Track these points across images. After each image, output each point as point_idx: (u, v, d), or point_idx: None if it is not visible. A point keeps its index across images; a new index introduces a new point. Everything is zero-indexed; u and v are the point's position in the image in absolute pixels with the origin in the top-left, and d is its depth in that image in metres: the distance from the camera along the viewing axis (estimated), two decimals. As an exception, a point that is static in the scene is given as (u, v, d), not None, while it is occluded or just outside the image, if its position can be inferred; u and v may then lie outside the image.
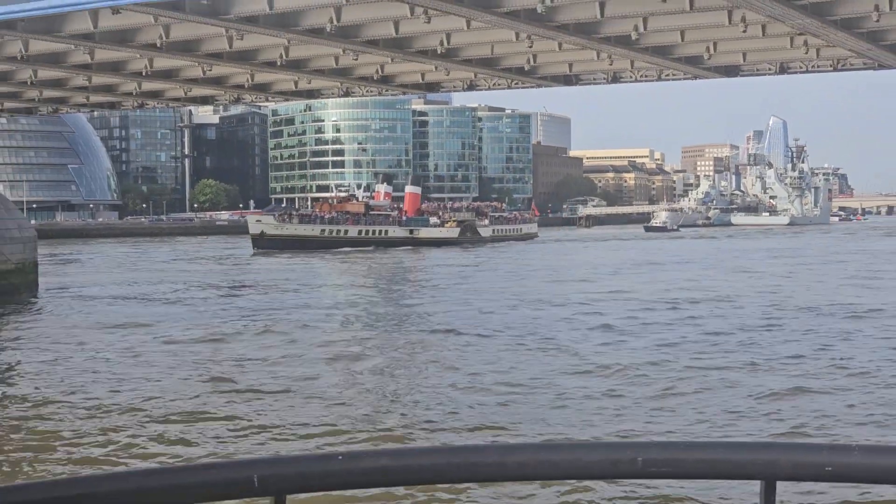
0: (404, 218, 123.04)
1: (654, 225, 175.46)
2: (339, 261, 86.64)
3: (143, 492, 2.39)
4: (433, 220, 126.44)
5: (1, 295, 45.41)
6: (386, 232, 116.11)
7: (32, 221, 59.96)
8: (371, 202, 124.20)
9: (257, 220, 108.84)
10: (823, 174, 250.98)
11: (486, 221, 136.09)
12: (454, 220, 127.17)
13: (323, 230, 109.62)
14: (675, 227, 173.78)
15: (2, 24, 22.63)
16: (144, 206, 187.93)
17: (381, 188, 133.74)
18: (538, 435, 19.14)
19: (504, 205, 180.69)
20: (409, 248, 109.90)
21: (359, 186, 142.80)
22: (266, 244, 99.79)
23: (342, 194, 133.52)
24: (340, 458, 2.51)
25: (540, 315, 40.63)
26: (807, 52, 24.30)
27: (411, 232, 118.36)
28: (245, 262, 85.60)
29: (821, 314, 39.90)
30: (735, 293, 49.58)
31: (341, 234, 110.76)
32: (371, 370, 28.16)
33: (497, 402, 22.73)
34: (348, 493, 12.13)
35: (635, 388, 23.86)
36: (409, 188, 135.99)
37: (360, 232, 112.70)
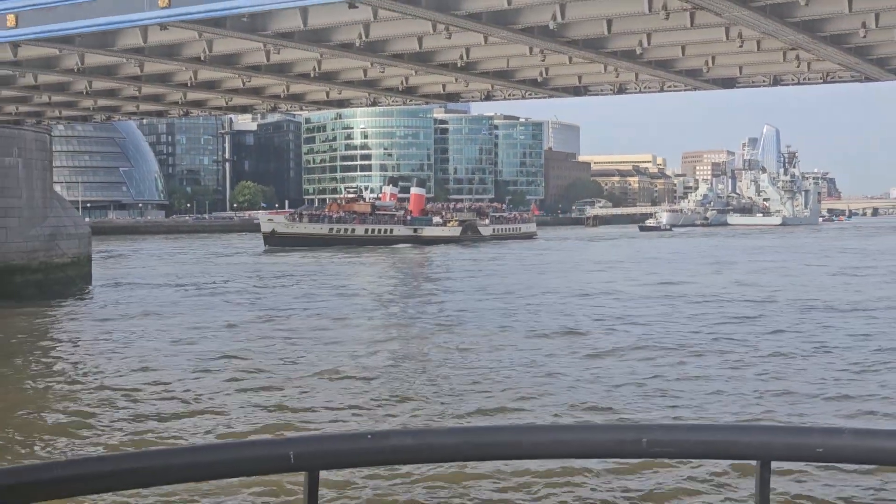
0: (409, 217, 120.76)
1: (648, 224, 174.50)
2: (352, 257, 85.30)
3: (193, 466, 2.43)
4: (436, 219, 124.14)
5: (59, 285, 45.73)
6: (391, 230, 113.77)
7: (87, 219, 60.24)
8: (377, 202, 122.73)
9: (269, 219, 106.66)
10: (813, 178, 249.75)
11: (487, 221, 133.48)
12: (456, 220, 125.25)
13: (331, 229, 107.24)
14: (668, 227, 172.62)
15: (60, 39, 22.77)
16: (189, 205, 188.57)
17: (388, 189, 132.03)
18: (550, 415, 19.16)
19: (504, 205, 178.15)
20: (413, 245, 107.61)
21: (365, 188, 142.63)
22: (277, 242, 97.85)
23: (350, 195, 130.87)
24: (369, 437, 2.55)
25: (517, 304, 40.72)
26: (798, 66, 24.18)
27: (415, 230, 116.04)
28: (278, 259, 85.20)
29: (777, 303, 39.83)
30: (698, 285, 49.63)
31: (348, 232, 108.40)
32: (398, 356, 28.21)
33: (495, 382, 22.74)
34: (375, 469, 12.20)
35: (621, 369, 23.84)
36: (414, 190, 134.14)
37: (366, 230, 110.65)
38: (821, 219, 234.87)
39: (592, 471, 14.12)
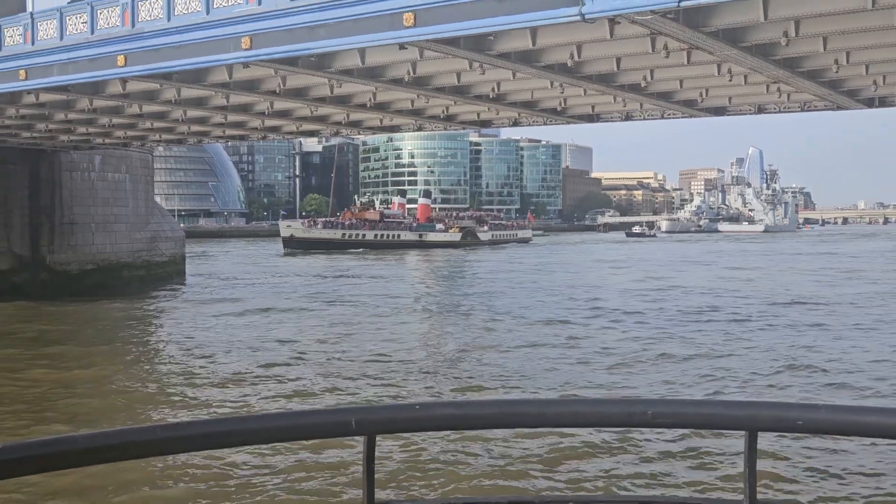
0: (415, 224, 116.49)
1: (634, 231, 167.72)
2: (369, 259, 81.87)
3: (274, 430, 2.45)
4: (439, 226, 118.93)
5: (158, 280, 46.28)
6: (398, 236, 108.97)
7: (181, 225, 60.68)
8: (385, 211, 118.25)
9: (287, 225, 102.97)
10: (791, 192, 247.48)
11: (486, 227, 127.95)
12: (457, 226, 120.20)
13: (344, 234, 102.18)
14: (652, 233, 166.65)
15: (161, 75, 23.02)
16: (265, 213, 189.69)
17: (396, 200, 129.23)
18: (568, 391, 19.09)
19: (502, 213, 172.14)
20: (418, 249, 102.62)
21: (378, 200, 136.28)
22: (295, 245, 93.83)
23: (360, 203, 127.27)
24: (418, 407, 2.55)
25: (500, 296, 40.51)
26: (780, 97, 23.93)
27: (420, 236, 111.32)
28: (337, 259, 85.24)
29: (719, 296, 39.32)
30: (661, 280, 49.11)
31: (359, 237, 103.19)
32: (439, 341, 28.23)
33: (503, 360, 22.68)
34: (423, 434, 12.23)
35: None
36: (421, 200, 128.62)
37: (375, 235, 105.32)
38: (798, 226, 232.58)
39: (606, 440, 14.06)
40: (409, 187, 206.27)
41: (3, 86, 25.53)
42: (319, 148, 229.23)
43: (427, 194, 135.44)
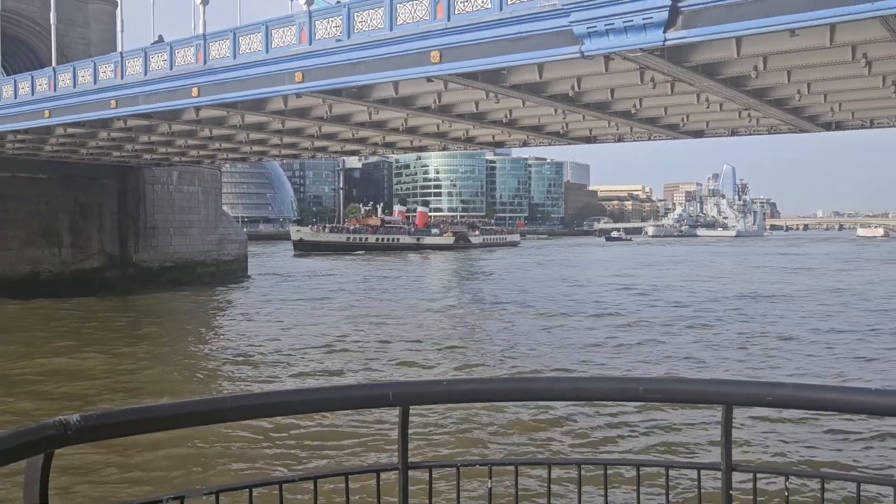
0: (412, 229, 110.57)
1: (613, 236, 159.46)
2: (374, 260, 78.46)
3: (323, 401, 2.46)
4: (434, 230, 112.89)
5: (226, 276, 46.59)
6: (397, 239, 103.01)
7: (244, 229, 61.22)
8: (386, 217, 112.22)
9: (297, 230, 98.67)
10: (760, 202, 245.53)
11: (478, 232, 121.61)
12: (451, 231, 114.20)
13: (348, 237, 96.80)
14: (628, 238, 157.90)
15: (229, 105, 23.17)
16: (314, 220, 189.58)
17: (397, 207, 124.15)
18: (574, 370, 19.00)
19: (492, 220, 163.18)
20: (415, 251, 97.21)
21: (380, 208, 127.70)
22: (304, 247, 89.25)
23: (364, 210, 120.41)
24: (445, 383, 2.56)
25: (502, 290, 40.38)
26: (750, 121, 23.72)
27: (417, 239, 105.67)
28: (378, 259, 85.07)
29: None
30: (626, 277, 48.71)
31: (362, 240, 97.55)
32: (462, 324, 28.18)
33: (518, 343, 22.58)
34: (450, 406, 12.22)
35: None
36: (419, 208, 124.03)
37: (377, 239, 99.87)
38: (765, 231, 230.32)
39: (604, 404, 13.98)
40: (435, 198, 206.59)
41: (97, 113, 25.81)
42: (360, 165, 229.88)
43: (425, 204, 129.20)
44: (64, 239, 40.25)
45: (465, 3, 16.03)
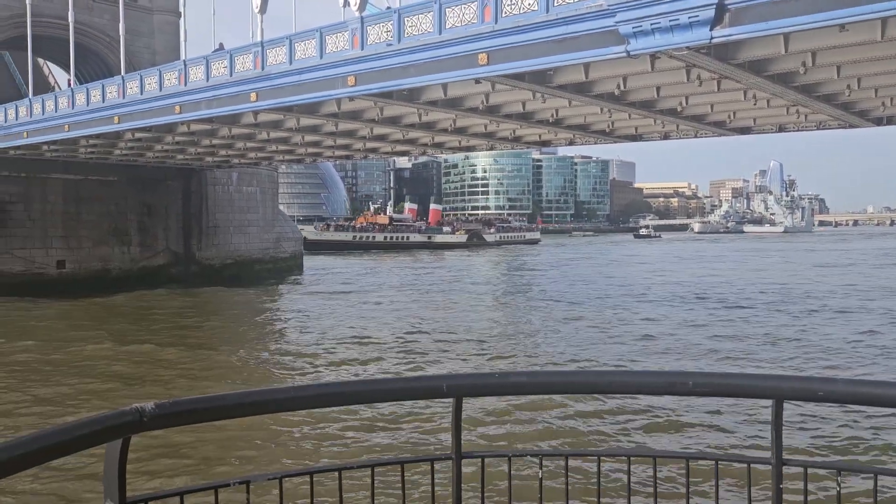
0: (424, 227, 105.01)
1: (641, 233, 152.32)
2: (385, 259, 74.98)
3: (381, 392, 2.48)
4: (446, 228, 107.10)
5: (282, 272, 47.36)
6: (407, 238, 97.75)
7: (299, 228, 61.81)
8: (394, 215, 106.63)
9: (301, 229, 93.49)
10: (808, 198, 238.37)
11: (493, 230, 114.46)
12: (464, 229, 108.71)
13: (354, 236, 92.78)
14: (657, 235, 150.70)
15: (285, 108, 23.47)
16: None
17: (407, 205, 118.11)
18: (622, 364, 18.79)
19: (512, 217, 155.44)
20: (426, 250, 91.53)
21: (387, 205, 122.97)
22: (308, 246, 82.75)
23: (374, 209, 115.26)
24: (496, 375, 2.55)
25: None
26: (798, 118, 23.04)
27: (429, 238, 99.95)
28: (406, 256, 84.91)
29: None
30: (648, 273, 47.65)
31: (369, 239, 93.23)
32: (509, 321, 28.11)
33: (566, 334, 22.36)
34: (499, 398, 12.20)
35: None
36: (432, 206, 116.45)
37: (385, 238, 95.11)
38: (813, 227, 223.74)
39: (654, 399, 13.77)
40: (482, 197, 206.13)
41: (163, 118, 26.44)
42: (409, 165, 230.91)
43: (438, 200, 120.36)
44: (132, 238, 41.40)
45: (512, 6, 15.95)
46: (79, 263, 38.84)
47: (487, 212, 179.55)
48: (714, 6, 12.92)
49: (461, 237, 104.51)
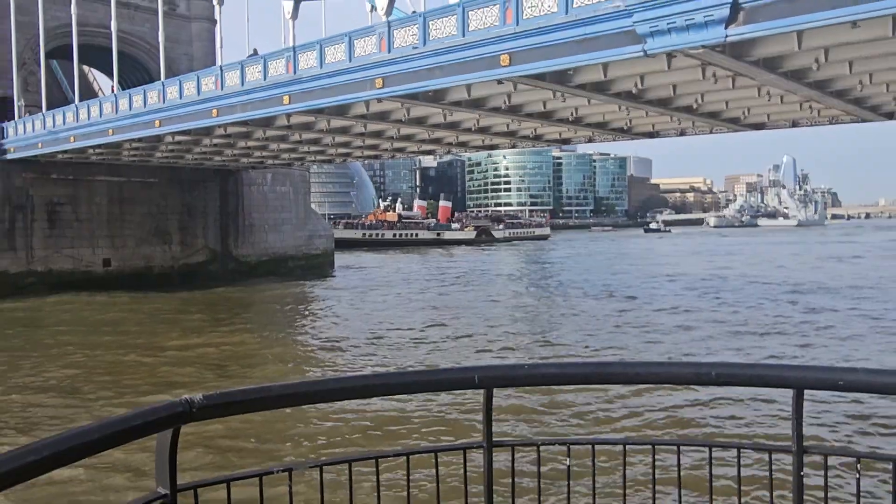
0: (433, 224, 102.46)
1: (651, 227, 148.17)
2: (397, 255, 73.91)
3: (415, 384, 2.48)
4: (455, 225, 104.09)
5: (315, 268, 47.66)
6: (416, 234, 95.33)
7: (330, 225, 61.81)
8: (403, 213, 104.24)
9: None
10: (821, 192, 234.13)
11: (501, 226, 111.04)
12: (472, 226, 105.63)
13: (364, 234, 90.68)
14: (667, 229, 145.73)
15: (316, 110, 23.56)
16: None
17: (417, 202, 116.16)
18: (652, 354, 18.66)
19: (521, 213, 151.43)
20: (435, 247, 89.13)
21: (395, 203, 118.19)
22: None
23: (383, 206, 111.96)
24: (526, 367, 2.54)
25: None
26: (811, 113, 22.66)
27: (438, 234, 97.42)
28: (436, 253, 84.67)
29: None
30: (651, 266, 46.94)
31: (379, 236, 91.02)
32: (534, 315, 28.03)
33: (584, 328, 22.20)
34: (530, 389, 12.19)
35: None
36: (442, 203, 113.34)
37: (394, 235, 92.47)
38: (825, 220, 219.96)
39: (678, 388, 13.65)
40: (505, 194, 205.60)
41: (201, 122, 26.71)
42: (435, 163, 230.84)
43: (447, 198, 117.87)
44: (173, 237, 41.93)
45: (533, 8, 15.85)
46: (123, 262, 39.45)
47: (510, 208, 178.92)
48: (729, 5, 12.74)
49: (470, 233, 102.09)
